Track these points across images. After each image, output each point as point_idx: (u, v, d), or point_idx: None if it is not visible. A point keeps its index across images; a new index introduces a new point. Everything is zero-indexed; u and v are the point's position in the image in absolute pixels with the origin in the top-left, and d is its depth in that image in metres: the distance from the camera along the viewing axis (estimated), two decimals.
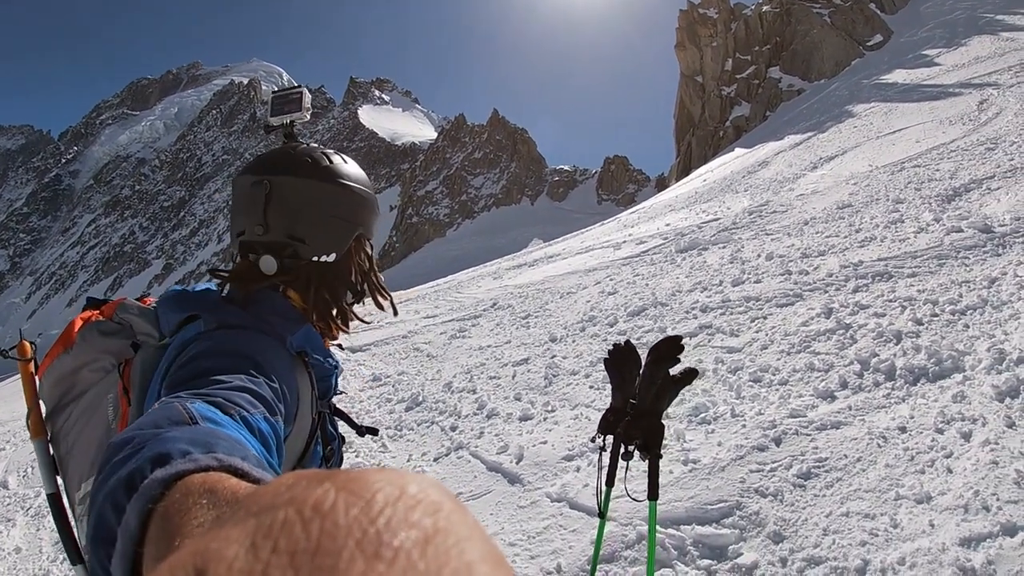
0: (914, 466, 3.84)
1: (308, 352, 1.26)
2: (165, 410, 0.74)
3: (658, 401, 2.38)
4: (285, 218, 1.30)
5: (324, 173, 1.35)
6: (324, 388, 1.35)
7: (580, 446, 5.00)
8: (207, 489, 0.47)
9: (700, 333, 6.78)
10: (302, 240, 1.31)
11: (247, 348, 1.07)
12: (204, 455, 0.57)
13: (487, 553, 0.29)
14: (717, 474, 4.17)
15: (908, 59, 35.78)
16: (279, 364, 1.11)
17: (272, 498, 0.31)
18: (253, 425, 0.83)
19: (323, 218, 1.33)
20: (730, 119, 54.30)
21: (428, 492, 0.30)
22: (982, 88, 20.84)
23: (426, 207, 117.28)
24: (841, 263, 7.74)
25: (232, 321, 1.18)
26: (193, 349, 1.07)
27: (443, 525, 0.29)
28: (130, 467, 0.58)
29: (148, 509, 0.49)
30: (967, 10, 42.61)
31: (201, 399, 0.81)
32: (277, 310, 1.26)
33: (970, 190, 9.67)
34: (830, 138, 21.69)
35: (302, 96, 1.55)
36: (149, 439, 0.64)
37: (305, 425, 1.24)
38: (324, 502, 0.29)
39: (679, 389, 2.41)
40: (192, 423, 0.71)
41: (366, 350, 9.68)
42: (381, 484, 0.30)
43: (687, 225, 13.64)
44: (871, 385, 4.88)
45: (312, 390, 1.26)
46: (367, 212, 1.42)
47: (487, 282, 13.78)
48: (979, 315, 5.61)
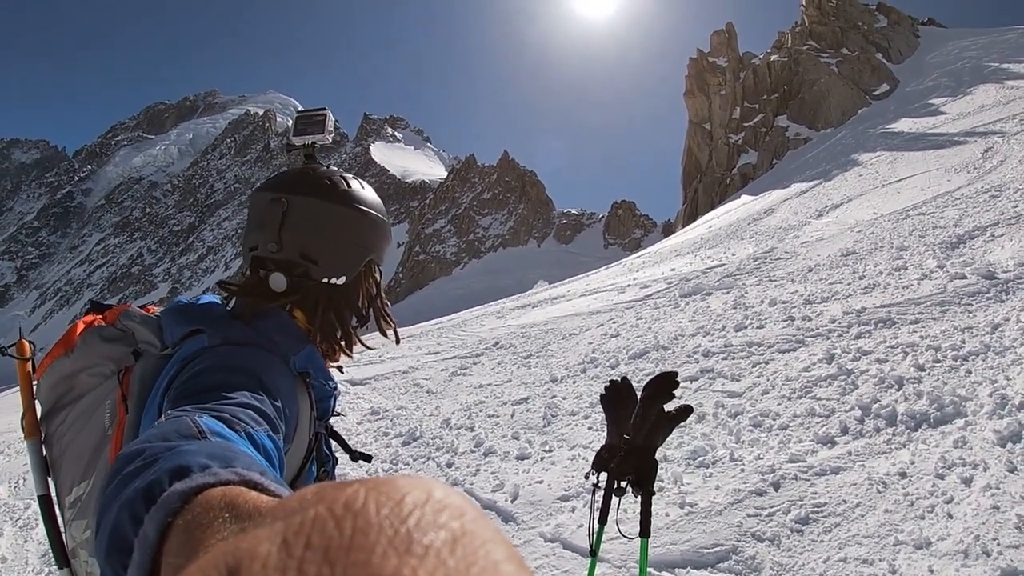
0: (914, 511, 3.79)
1: (310, 373, 1.26)
2: (174, 423, 0.73)
3: (652, 437, 2.35)
4: (300, 237, 1.31)
5: (342, 196, 1.35)
6: (322, 409, 1.35)
7: (576, 486, 4.95)
8: (228, 503, 0.47)
9: (701, 377, 6.75)
10: (314, 261, 1.32)
11: (251, 365, 1.07)
12: (223, 469, 0.57)
13: (511, 554, 0.30)
14: (714, 518, 4.12)
15: (914, 108, 36.18)
16: (281, 383, 1.11)
17: (300, 502, 0.32)
18: (258, 442, 0.83)
19: (337, 241, 1.33)
20: (737, 166, 54.65)
21: (453, 498, 0.32)
22: (987, 136, 21.03)
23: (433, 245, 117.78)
24: (844, 309, 7.73)
25: (236, 338, 1.18)
26: (197, 364, 1.06)
27: (470, 527, 0.30)
28: (148, 478, 0.58)
29: (167, 522, 0.49)
30: (972, 59, 43.21)
31: (208, 414, 0.81)
32: (282, 329, 1.26)
33: (974, 237, 9.71)
34: (836, 186, 21.85)
35: (325, 118, 1.55)
36: (161, 452, 0.64)
37: (302, 445, 1.24)
38: (355, 501, 0.30)
39: (674, 426, 2.38)
40: (202, 437, 0.71)
41: (366, 384, 9.65)
42: (409, 488, 0.31)
43: (692, 270, 13.67)
44: (872, 431, 4.85)
45: (311, 410, 1.26)
46: (380, 238, 1.42)
47: (491, 321, 13.78)
48: (982, 360, 5.59)
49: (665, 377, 2.37)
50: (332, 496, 0.31)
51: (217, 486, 0.53)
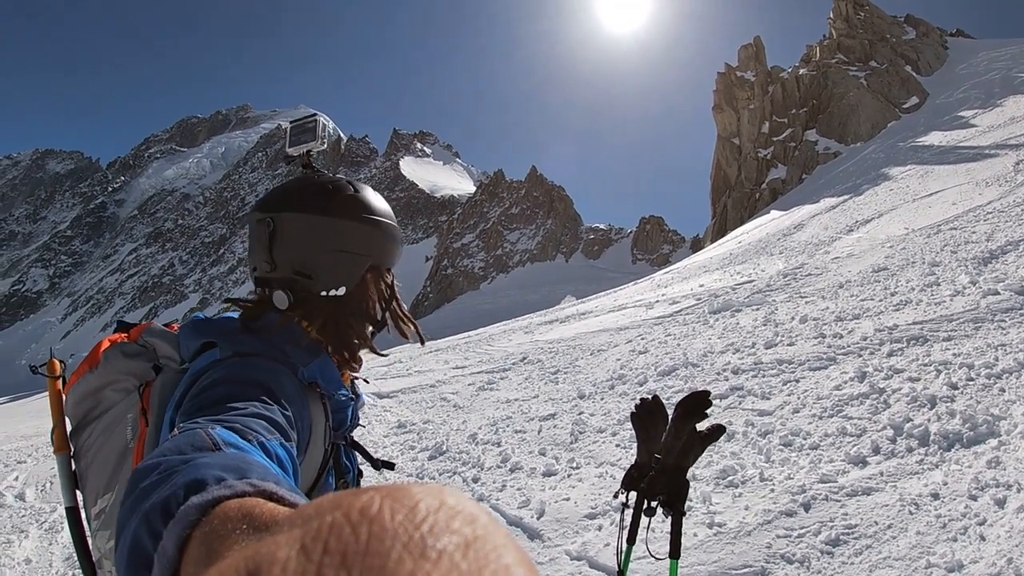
0: (946, 533, 3.73)
1: (319, 383, 1.26)
2: (188, 437, 0.75)
3: (684, 457, 2.33)
4: (291, 255, 1.31)
5: (330, 207, 1.34)
6: (340, 420, 1.35)
7: (604, 504, 4.92)
8: (245, 514, 0.48)
9: (731, 395, 6.68)
10: (309, 276, 1.31)
11: (259, 376, 1.09)
12: (238, 481, 0.58)
13: (522, 559, 0.31)
14: (743, 538, 4.08)
15: (944, 120, 35.67)
16: (292, 393, 1.12)
17: (316, 510, 0.33)
18: (271, 451, 0.84)
19: (329, 253, 1.32)
20: (766, 181, 54.23)
21: (465, 504, 0.33)
22: (1018, 148, 20.70)
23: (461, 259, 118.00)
24: (876, 327, 7.62)
25: (246, 350, 1.20)
26: (207, 378, 1.08)
27: (481, 533, 0.31)
28: (164, 493, 0.59)
29: (186, 535, 0.50)
30: (1002, 70, 42.55)
31: (221, 425, 0.83)
32: (293, 340, 1.28)
33: (1007, 252, 9.55)
34: (866, 201, 21.58)
35: (316, 125, 1.56)
36: (176, 465, 0.65)
37: (317, 456, 1.25)
38: (371, 508, 0.32)
39: (706, 446, 2.36)
40: (216, 449, 0.72)
41: (393, 396, 9.68)
42: (422, 495, 0.33)
43: (721, 286, 13.55)
44: (904, 451, 4.77)
45: (326, 421, 1.26)
46: (380, 242, 1.40)
47: (518, 336, 13.75)
48: (1015, 379, 5.50)
49: (698, 396, 2.35)
50: (348, 503, 0.32)
51: (233, 498, 0.54)
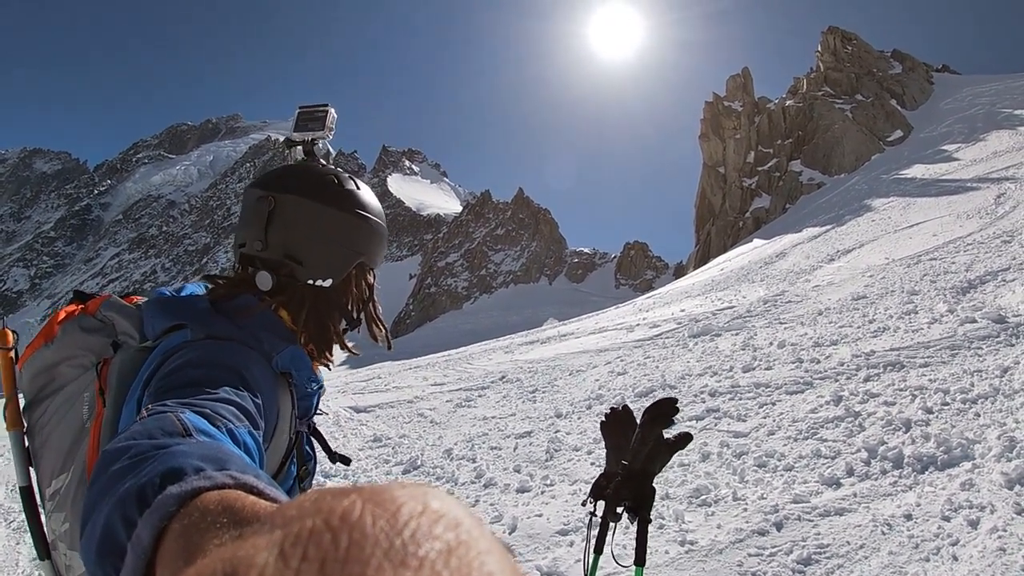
0: (919, 553, 3.73)
1: (291, 372, 1.24)
2: (158, 420, 0.73)
3: (650, 463, 2.31)
4: (285, 238, 1.29)
5: (333, 197, 1.33)
6: (304, 408, 1.33)
7: (576, 521, 4.89)
8: (226, 507, 0.47)
9: (707, 417, 6.70)
10: (299, 262, 1.30)
11: (233, 361, 1.06)
12: (218, 472, 0.56)
13: (506, 566, 0.30)
14: (714, 556, 4.06)
15: (927, 154, 36.19)
16: (262, 380, 1.10)
17: (298, 511, 0.32)
18: (239, 438, 0.82)
19: (324, 242, 1.31)
20: (750, 210, 54.72)
21: (450, 508, 0.32)
22: (1000, 182, 21.04)
23: (445, 278, 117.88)
24: (853, 352, 7.68)
25: (220, 333, 1.17)
26: (179, 359, 1.05)
27: (464, 538, 0.30)
28: (140, 480, 0.57)
29: (163, 526, 0.49)
30: (986, 105, 43.27)
31: (190, 409, 0.80)
32: (267, 326, 1.24)
33: (985, 282, 9.70)
34: (848, 231, 21.83)
35: (327, 115, 1.53)
36: (148, 450, 0.64)
37: (282, 443, 1.23)
38: (352, 513, 0.31)
39: (673, 453, 2.34)
40: (186, 434, 0.70)
41: (370, 411, 9.60)
42: (405, 498, 0.32)
43: (702, 311, 13.62)
44: (878, 473, 4.79)
45: (292, 409, 1.25)
46: (373, 241, 1.39)
47: (498, 355, 13.73)
48: (990, 404, 5.56)
49: (664, 403, 2.34)
50: (329, 507, 0.31)
51: (212, 490, 0.52)
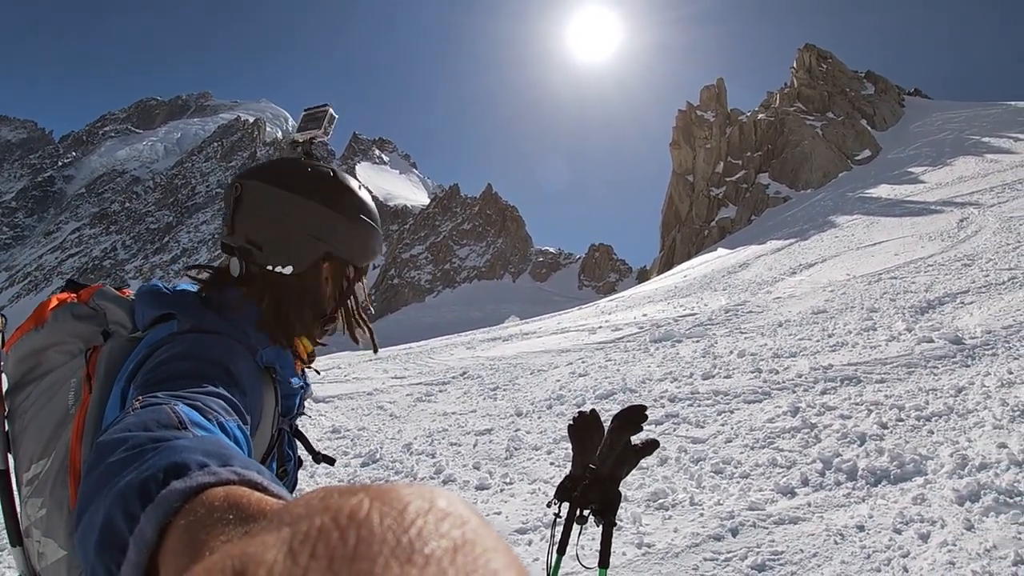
0: (870, 564, 3.81)
1: (276, 368, 1.24)
2: (152, 412, 0.72)
3: (617, 468, 2.34)
4: (247, 223, 1.29)
5: (296, 186, 1.31)
6: (288, 406, 1.33)
7: (535, 519, 4.90)
8: (232, 504, 0.46)
9: (666, 421, 6.76)
10: (259, 247, 1.29)
11: (219, 355, 1.06)
12: (222, 468, 0.56)
13: (512, 562, 0.30)
14: (670, 559, 4.10)
15: (894, 175, 36.87)
16: (248, 374, 1.10)
17: (306, 508, 0.33)
18: (229, 432, 0.81)
19: (282, 228, 1.29)
20: (716, 219, 55.39)
21: (456, 506, 0.33)
22: (964, 207, 21.48)
23: (409, 271, 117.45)
24: (811, 365, 7.82)
25: (207, 326, 1.17)
26: (166, 351, 1.05)
27: (471, 537, 0.31)
28: (142, 473, 0.56)
29: (167, 521, 0.48)
30: (955, 131, 44.23)
31: (182, 402, 0.80)
32: (254, 321, 1.25)
33: (944, 303, 9.93)
34: (811, 246, 22.17)
35: (324, 116, 1.53)
36: (145, 442, 0.63)
37: (263, 441, 1.22)
38: (359, 511, 0.31)
39: (640, 458, 2.37)
40: (182, 427, 0.70)
41: (329, 402, 9.50)
42: (412, 497, 0.32)
43: (664, 317, 13.72)
44: (832, 484, 4.89)
45: (276, 406, 1.24)
46: (344, 234, 1.35)
47: (460, 351, 13.69)
48: (944, 422, 5.70)
49: (634, 410, 2.37)
50: (337, 505, 0.32)
51: (218, 486, 0.52)
